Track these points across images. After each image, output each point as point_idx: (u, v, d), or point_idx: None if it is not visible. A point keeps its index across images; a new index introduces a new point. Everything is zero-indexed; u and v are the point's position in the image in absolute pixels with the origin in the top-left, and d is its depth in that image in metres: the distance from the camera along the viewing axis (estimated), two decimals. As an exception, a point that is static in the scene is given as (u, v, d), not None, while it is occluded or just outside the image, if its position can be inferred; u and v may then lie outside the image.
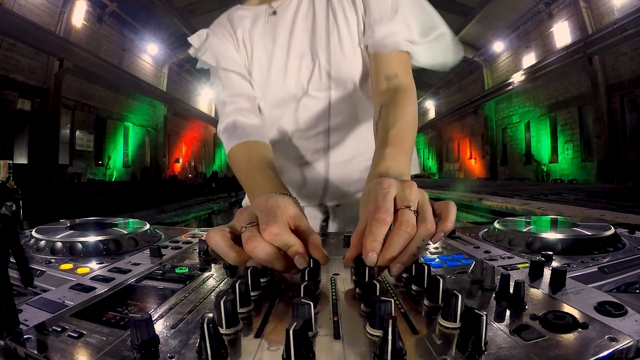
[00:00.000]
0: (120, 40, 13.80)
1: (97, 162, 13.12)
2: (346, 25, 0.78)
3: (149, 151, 16.54)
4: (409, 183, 0.43)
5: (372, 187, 0.44)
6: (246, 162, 0.71)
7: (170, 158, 18.26)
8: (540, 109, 13.15)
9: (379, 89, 0.73)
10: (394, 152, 0.58)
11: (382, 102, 0.70)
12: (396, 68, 0.72)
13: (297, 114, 0.83)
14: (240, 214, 0.47)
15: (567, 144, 12.05)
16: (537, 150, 13.48)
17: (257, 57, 0.82)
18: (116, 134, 14.13)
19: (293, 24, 0.80)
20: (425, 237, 0.40)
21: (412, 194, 0.42)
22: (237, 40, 0.83)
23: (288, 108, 0.83)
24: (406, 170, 0.57)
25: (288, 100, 0.82)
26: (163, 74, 17.28)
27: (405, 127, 0.65)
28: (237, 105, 0.80)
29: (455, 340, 0.28)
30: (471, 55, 16.48)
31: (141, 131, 15.92)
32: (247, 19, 0.84)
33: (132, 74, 14.34)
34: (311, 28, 0.80)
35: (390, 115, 0.66)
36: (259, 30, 0.82)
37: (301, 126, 0.84)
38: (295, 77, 0.80)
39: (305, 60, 0.79)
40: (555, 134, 12.58)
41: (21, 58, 9.32)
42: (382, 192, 0.42)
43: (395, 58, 0.73)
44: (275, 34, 0.81)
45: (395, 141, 0.60)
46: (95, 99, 12.74)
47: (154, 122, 16.65)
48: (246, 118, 0.79)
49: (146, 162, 16.33)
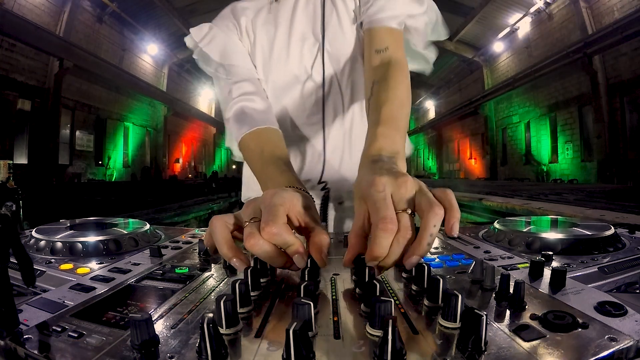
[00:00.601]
0: (120, 40, 13.79)
1: (97, 162, 13.11)
2: (344, 7, 0.80)
3: (149, 151, 16.54)
4: (403, 180, 0.42)
5: (365, 186, 0.42)
6: (258, 153, 0.70)
7: (170, 158, 18.26)
8: (540, 109, 13.15)
9: (370, 64, 0.73)
10: (386, 131, 0.56)
11: (374, 79, 0.69)
12: (387, 42, 0.72)
13: (301, 96, 0.84)
14: (247, 206, 0.47)
15: (567, 144, 12.05)
16: (537, 150, 13.48)
17: (259, 42, 0.83)
18: (116, 134, 14.12)
19: (294, 9, 0.82)
20: (437, 223, 0.38)
21: (408, 192, 0.41)
22: (240, 29, 0.85)
23: (291, 90, 0.84)
24: (400, 148, 0.56)
25: (291, 83, 0.83)
26: (163, 74, 17.27)
27: (398, 104, 0.63)
28: (242, 90, 0.80)
29: (455, 340, 0.28)
30: (471, 55, 16.49)
31: (141, 131, 15.91)
32: (250, 9, 0.86)
33: (132, 74, 14.33)
34: (312, 12, 0.82)
35: (382, 93, 0.65)
36: (261, 18, 0.84)
37: (305, 107, 0.85)
38: (297, 60, 0.82)
39: (307, 42, 0.81)
40: (555, 134, 12.58)
41: (21, 58, 9.31)
42: (380, 195, 0.40)
43: (387, 33, 0.73)
44: (277, 20, 0.83)
45: (387, 119, 0.59)
46: (95, 99, 12.73)
47: (154, 122, 16.65)
48: (252, 103, 0.78)
49: (146, 162, 16.33)
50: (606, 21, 9.70)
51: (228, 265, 0.46)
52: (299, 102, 0.85)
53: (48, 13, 10.08)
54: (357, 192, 0.45)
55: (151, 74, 16.33)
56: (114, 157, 13.98)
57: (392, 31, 0.74)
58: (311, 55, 0.82)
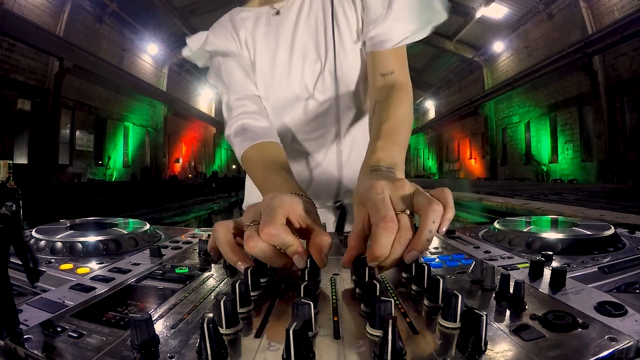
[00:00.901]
0: (120, 40, 13.79)
1: (97, 162, 13.12)
2: (347, 25, 0.78)
3: (149, 151, 16.54)
4: (401, 183, 0.43)
5: (364, 190, 0.43)
6: (261, 164, 0.70)
7: (170, 158, 18.26)
8: (540, 109, 13.15)
9: (374, 85, 0.73)
10: (385, 144, 0.58)
11: (377, 99, 0.70)
12: (392, 66, 0.73)
13: (303, 116, 0.83)
14: (248, 210, 0.48)
15: (567, 144, 12.05)
16: (537, 150, 13.48)
17: (259, 57, 0.82)
18: (116, 134, 14.13)
19: (296, 25, 0.80)
20: (436, 219, 0.39)
21: (406, 193, 0.42)
22: (239, 42, 0.83)
23: (293, 109, 0.83)
24: (399, 161, 0.57)
25: (292, 101, 0.82)
26: (163, 74, 17.27)
27: (399, 121, 0.65)
28: (244, 109, 0.79)
29: (455, 340, 0.28)
30: (471, 55, 16.49)
31: (141, 131, 15.91)
32: (249, 20, 0.83)
33: (132, 74, 14.33)
34: (314, 29, 0.80)
35: (383, 111, 0.66)
36: (261, 31, 0.82)
37: (308, 127, 0.84)
38: (299, 78, 0.80)
39: (308, 61, 0.80)
40: (555, 134, 12.58)
41: (21, 58, 9.32)
42: (379, 197, 0.41)
43: (391, 55, 0.74)
44: (278, 35, 0.81)
45: (387, 134, 0.61)
46: (95, 99, 12.74)
47: (154, 122, 16.65)
48: (255, 121, 0.78)
49: (146, 162, 16.33)
50: (606, 21, 9.70)
51: (228, 265, 0.46)
52: (301, 120, 0.84)
53: (48, 13, 10.08)
54: (356, 197, 0.46)
55: (151, 74, 16.33)
56: (114, 157, 13.98)
57: (397, 52, 0.74)
58: (313, 74, 0.80)
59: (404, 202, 0.41)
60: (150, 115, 16.41)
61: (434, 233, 0.39)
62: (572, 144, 11.85)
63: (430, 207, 0.39)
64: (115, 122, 13.99)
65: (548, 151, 12.96)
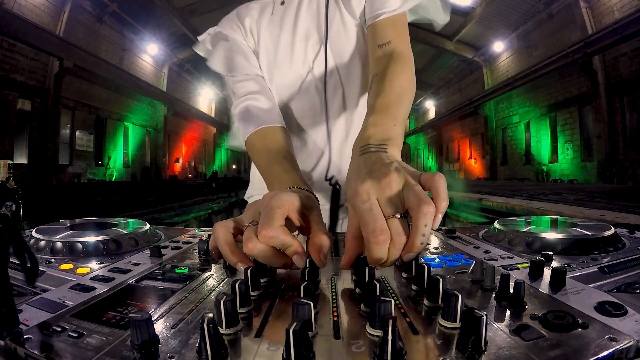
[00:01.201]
0: (120, 40, 13.79)
1: (97, 162, 13.11)
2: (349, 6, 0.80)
3: (149, 151, 16.53)
4: (387, 180, 0.40)
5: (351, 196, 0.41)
6: (264, 152, 0.71)
7: (170, 158, 18.25)
8: (540, 109, 13.14)
9: (373, 58, 0.73)
10: (378, 119, 0.55)
11: (374, 72, 0.69)
12: (389, 36, 0.72)
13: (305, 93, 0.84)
14: (247, 209, 0.48)
15: (567, 144, 12.04)
16: (537, 150, 13.48)
17: (263, 43, 0.84)
18: (116, 134, 14.12)
19: (298, 9, 0.83)
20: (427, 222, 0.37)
21: (394, 192, 0.39)
22: (244, 30, 0.85)
23: (296, 89, 0.84)
24: (393, 135, 0.53)
25: (296, 81, 0.84)
26: (163, 74, 17.27)
27: (395, 93, 0.62)
28: (247, 89, 0.81)
29: (455, 340, 0.28)
30: (471, 55, 16.48)
31: (141, 131, 15.91)
32: (255, 9, 0.87)
33: (132, 74, 14.32)
34: (316, 11, 0.82)
35: (379, 84, 0.65)
36: (266, 19, 0.85)
37: (308, 104, 0.85)
38: (302, 58, 0.82)
39: (310, 40, 0.82)
40: (555, 134, 12.57)
41: (21, 58, 9.31)
42: (366, 207, 0.39)
43: (389, 25, 0.73)
44: (282, 21, 0.84)
45: (381, 108, 0.58)
46: (95, 99, 12.73)
47: (154, 122, 16.65)
48: (257, 102, 0.79)
49: (146, 162, 16.32)
50: (606, 21, 9.69)
51: (228, 265, 0.46)
52: (303, 100, 0.85)
53: (48, 13, 10.08)
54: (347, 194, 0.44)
55: (151, 74, 16.32)
56: (114, 157, 13.97)
57: (395, 21, 0.73)
58: (314, 52, 0.82)
59: (393, 204, 0.39)
60: (150, 115, 16.41)
61: (428, 235, 0.38)
62: (572, 144, 11.85)
63: (420, 211, 0.37)
64: (115, 122, 13.98)
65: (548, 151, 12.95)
